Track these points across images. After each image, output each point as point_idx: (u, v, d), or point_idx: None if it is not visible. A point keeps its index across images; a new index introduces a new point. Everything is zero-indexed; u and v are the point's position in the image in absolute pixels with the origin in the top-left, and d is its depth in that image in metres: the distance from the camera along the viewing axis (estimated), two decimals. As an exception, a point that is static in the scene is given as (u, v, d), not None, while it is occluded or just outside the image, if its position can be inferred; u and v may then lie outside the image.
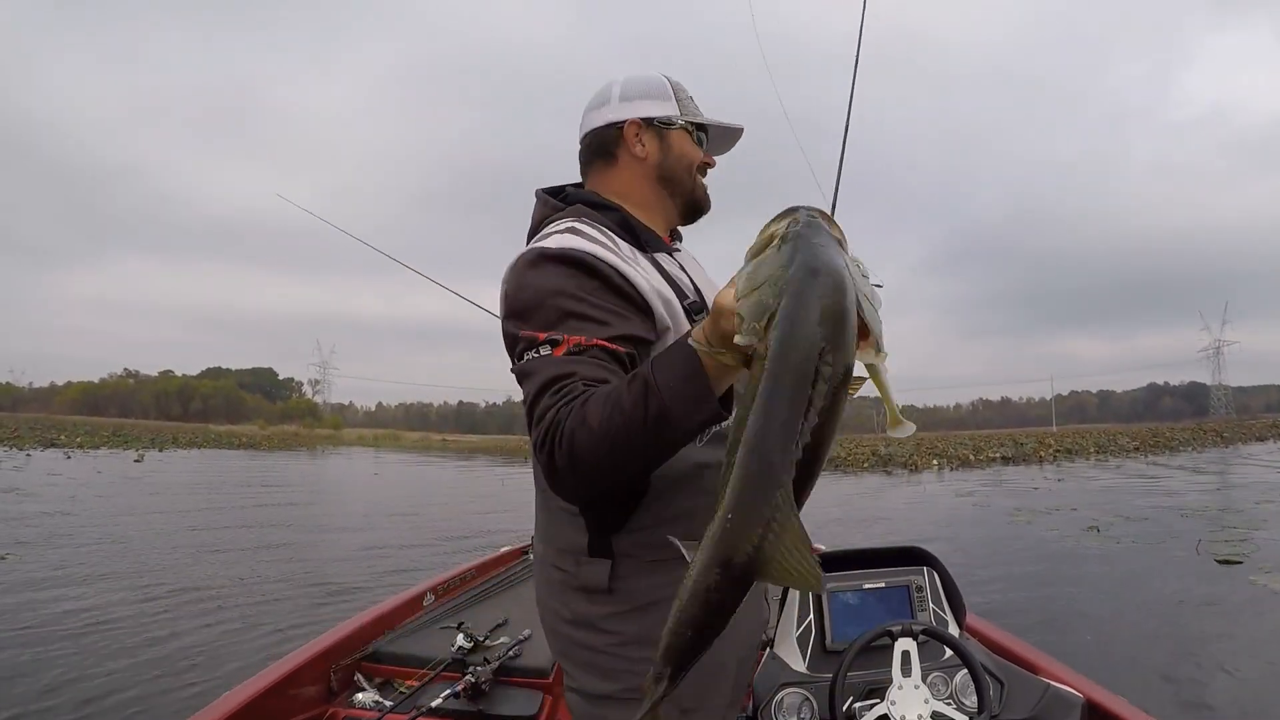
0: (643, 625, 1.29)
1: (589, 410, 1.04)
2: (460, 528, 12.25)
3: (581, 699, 1.35)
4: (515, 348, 1.22)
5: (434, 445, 71.48)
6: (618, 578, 1.30)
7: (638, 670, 1.21)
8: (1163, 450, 36.08)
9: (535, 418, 1.11)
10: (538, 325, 1.19)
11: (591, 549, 1.31)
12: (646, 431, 1.01)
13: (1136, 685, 4.50)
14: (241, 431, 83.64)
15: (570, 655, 1.36)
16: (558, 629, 1.38)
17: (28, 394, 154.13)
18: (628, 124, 1.43)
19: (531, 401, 1.13)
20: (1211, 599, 6.73)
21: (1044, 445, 38.47)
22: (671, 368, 1.01)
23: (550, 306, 1.20)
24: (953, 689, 1.91)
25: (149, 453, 34.13)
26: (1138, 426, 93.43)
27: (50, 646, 5.25)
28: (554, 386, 1.11)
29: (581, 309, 1.20)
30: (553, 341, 1.16)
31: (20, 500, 13.82)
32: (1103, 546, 9.53)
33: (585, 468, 1.06)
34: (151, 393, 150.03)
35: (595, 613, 1.32)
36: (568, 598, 1.35)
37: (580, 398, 1.08)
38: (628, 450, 1.04)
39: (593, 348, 1.16)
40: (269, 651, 5.06)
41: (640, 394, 1.01)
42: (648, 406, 1.00)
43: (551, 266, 1.24)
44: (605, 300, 1.22)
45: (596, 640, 1.32)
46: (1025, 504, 14.42)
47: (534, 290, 1.23)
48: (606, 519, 1.30)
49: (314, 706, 2.43)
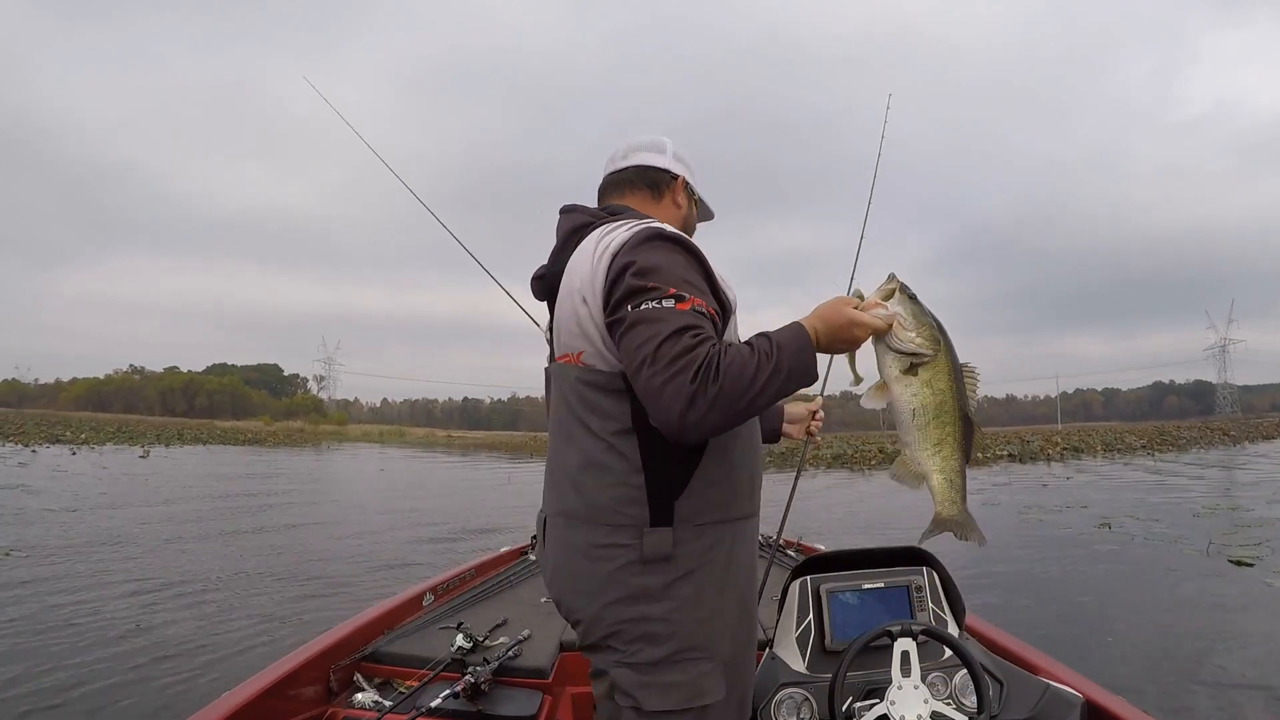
0: (695, 586, 1.45)
1: (739, 354, 1.31)
2: (464, 526, 12.26)
3: (634, 671, 1.43)
4: (633, 296, 1.39)
5: (439, 441, 71.54)
6: (678, 543, 1.44)
7: (689, 632, 1.43)
8: (1170, 449, 36.00)
9: (676, 353, 1.29)
10: (663, 281, 1.39)
11: (654, 519, 1.44)
12: (776, 376, 1.31)
13: (1149, 687, 4.49)
14: (246, 427, 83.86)
15: (625, 632, 1.44)
16: (611, 611, 1.45)
17: (34, 390, 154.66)
18: (681, 178, 1.76)
19: (664, 339, 1.31)
20: (1224, 600, 6.69)
21: (1051, 444, 38.32)
22: (796, 338, 1.37)
23: (672, 271, 1.41)
24: (952, 689, 1.92)
25: (154, 449, 34.17)
26: (1144, 425, 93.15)
27: (50, 645, 5.27)
28: (690, 331, 1.32)
29: (694, 279, 1.44)
30: (679, 297, 1.37)
31: (25, 496, 13.84)
32: (1115, 545, 9.51)
33: (728, 399, 1.28)
34: (157, 389, 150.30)
35: (657, 582, 1.43)
36: (627, 574, 1.44)
37: (723, 344, 1.33)
38: (760, 391, 1.30)
39: (707, 312, 1.39)
40: (269, 651, 5.07)
41: (775, 349, 1.33)
42: (781, 356, 1.32)
43: (668, 243, 1.46)
44: (705, 277, 1.47)
45: (655, 609, 1.43)
46: (1036, 502, 14.38)
47: (658, 257, 1.43)
48: (667, 486, 1.45)
49: (313, 707, 2.43)
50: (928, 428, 1.47)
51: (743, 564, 1.54)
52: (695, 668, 1.43)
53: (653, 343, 1.31)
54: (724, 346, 1.32)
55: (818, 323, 1.41)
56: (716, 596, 1.47)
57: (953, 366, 1.47)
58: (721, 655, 1.47)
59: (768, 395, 1.31)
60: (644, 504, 1.43)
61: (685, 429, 1.30)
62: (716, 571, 1.48)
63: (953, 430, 1.48)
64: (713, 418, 1.29)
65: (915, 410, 1.46)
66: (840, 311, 1.43)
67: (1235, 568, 7.94)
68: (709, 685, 1.43)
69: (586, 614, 1.48)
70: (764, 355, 1.31)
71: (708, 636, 1.45)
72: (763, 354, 1.31)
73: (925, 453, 1.49)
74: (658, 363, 1.29)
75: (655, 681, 1.42)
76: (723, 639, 1.48)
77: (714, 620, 1.46)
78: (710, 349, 1.29)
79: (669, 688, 1.41)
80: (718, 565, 1.48)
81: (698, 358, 1.28)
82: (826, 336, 1.42)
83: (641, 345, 1.33)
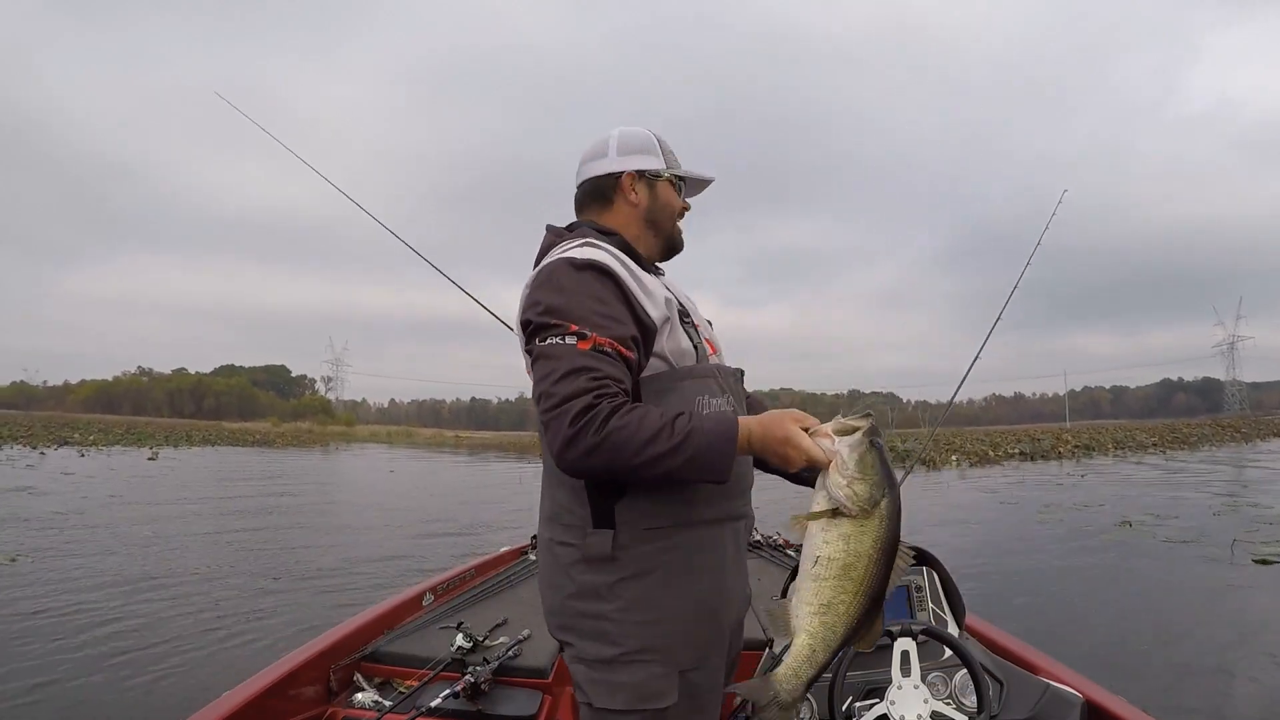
0: (643, 589, 1.46)
1: (636, 416, 1.30)
2: (472, 525, 12.30)
3: (587, 667, 1.47)
4: (539, 332, 1.41)
5: (447, 442, 71.67)
6: (620, 546, 1.45)
7: (639, 633, 1.44)
8: (1181, 446, 35.90)
9: (564, 395, 1.31)
10: (565, 317, 1.39)
11: (595, 520, 1.47)
12: (672, 456, 1.29)
13: (1174, 688, 4.40)
14: (255, 429, 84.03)
15: (576, 627, 1.49)
16: (564, 605, 1.51)
17: (41, 393, 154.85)
18: (625, 175, 1.69)
19: (558, 379, 1.33)
20: (1250, 600, 6.66)
21: (1062, 441, 38.20)
22: (719, 429, 1.32)
23: (576, 304, 1.41)
24: (952, 689, 1.91)
25: (163, 450, 34.25)
26: (1154, 423, 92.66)
27: (51, 645, 5.31)
28: (586, 374, 1.32)
29: (602, 309, 1.42)
30: (580, 335, 1.37)
31: (33, 499, 13.80)
32: (1138, 544, 9.46)
33: (608, 453, 1.29)
34: (165, 390, 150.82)
35: (601, 581, 1.46)
36: (574, 571, 1.49)
37: (621, 398, 1.34)
38: (648, 460, 1.29)
39: (611, 349, 1.38)
40: (269, 651, 5.09)
41: (686, 430, 1.30)
42: (688, 440, 1.30)
43: (577, 272, 1.45)
44: (619, 304, 1.45)
45: (602, 607, 1.46)
46: (1052, 500, 14.32)
47: (561, 289, 1.43)
48: (608, 489, 1.46)
49: (313, 706, 2.44)
50: (823, 583, 1.28)
51: (708, 569, 1.53)
52: (645, 670, 1.44)
53: (548, 380, 1.35)
54: (621, 404, 1.32)
55: (756, 427, 1.35)
56: (671, 600, 1.47)
57: (883, 537, 1.27)
58: (678, 660, 1.46)
59: (659, 468, 1.30)
60: (585, 506, 1.48)
61: (564, 465, 1.35)
62: (670, 575, 1.47)
63: (849, 601, 1.28)
64: (591, 464, 1.31)
65: (819, 559, 1.28)
66: (782, 425, 1.33)
67: (1261, 566, 7.89)
68: (660, 689, 1.44)
69: (548, 605, 1.57)
70: (669, 431, 1.30)
71: (660, 640, 1.45)
72: (669, 430, 1.30)
73: (807, 607, 1.30)
74: (548, 400, 1.33)
75: (604, 680, 1.45)
76: (679, 644, 1.47)
77: (667, 624, 1.46)
78: (598, 399, 1.31)
79: (617, 687, 1.43)
80: (673, 569, 1.48)
81: (582, 403, 1.30)
82: (760, 443, 1.35)
83: (540, 380, 1.38)
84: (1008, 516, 12.54)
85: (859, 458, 1.27)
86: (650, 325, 1.48)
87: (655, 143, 1.74)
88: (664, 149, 1.74)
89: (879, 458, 1.28)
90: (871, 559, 1.27)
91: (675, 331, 1.54)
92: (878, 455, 1.28)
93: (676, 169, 1.75)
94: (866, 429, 1.28)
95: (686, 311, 1.65)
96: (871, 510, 1.26)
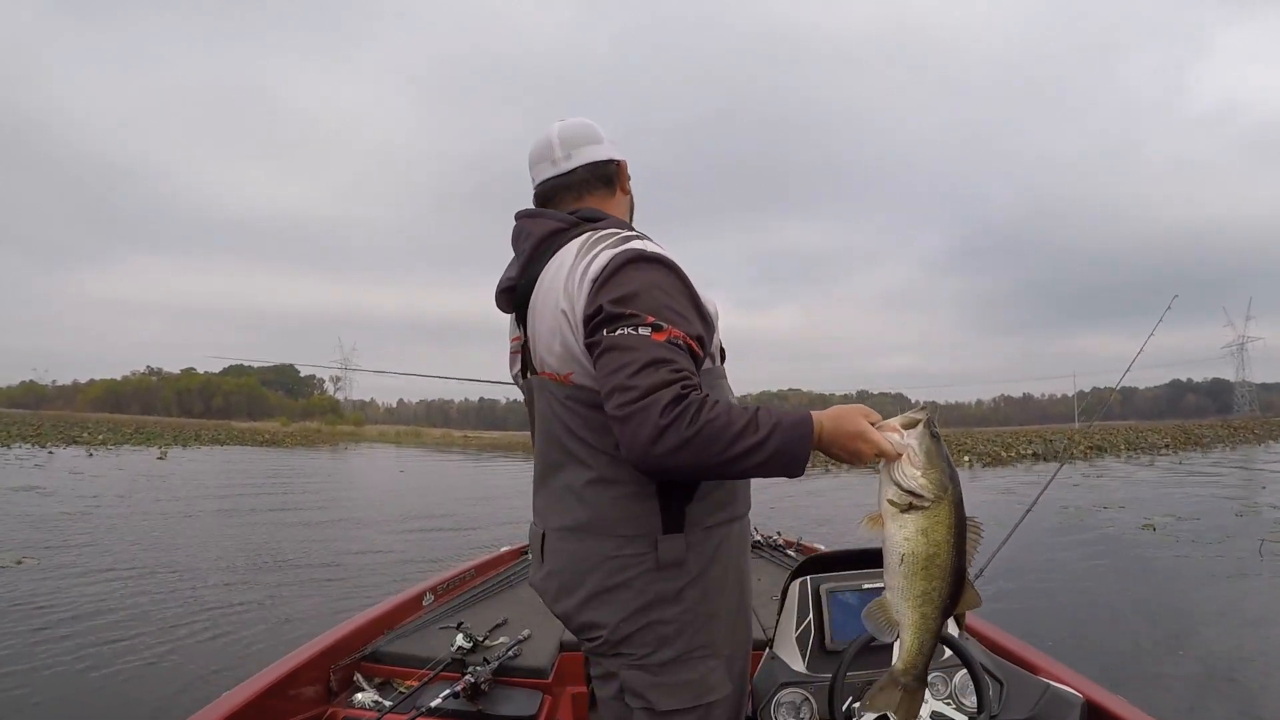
0: (705, 586, 1.47)
1: (724, 409, 1.27)
2: (486, 522, 12.30)
3: (647, 674, 1.45)
4: (610, 322, 1.35)
5: (455, 442, 71.77)
6: (690, 546, 1.45)
7: (698, 630, 1.46)
8: (1194, 447, 35.85)
9: (648, 386, 1.26)
10: (640, 308, 1.35)
11: (666, 526, 1.44)
12: (759, 450, 1.27)
13: (1211, 691, 4.37)
14: (263, 428, 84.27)
15: (641, 637, 1.45)
16: (631, 621, 1.45)
17: (51, 392, 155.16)
18: (623, 163, 1.68)
19: (637, 370, 1.28)
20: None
21: (1074, 442, 38.08)
22: (797, 423, 1.31)
23: (651, 296, 1.37)
24: (952, 689, 1.91)
25: (172, 450, 34.37)
26: (1165, 424, 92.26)
27: (51, 646, 5.33)
28: (667, 365, 1.29)
29: (675, 305, 1.39)
30: (656, 326, 1.33)
31: (40, 500, 13.74)
32: (1163, 547, 9.40)
33: (700, 446, 1.25)
34: (174, 390, 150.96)
35: (673, 587, 1.44)
36: (645, 582, 1.44)
37: (705, 393, 1.30)
38: (737, 455, 1.26)
39: (684, 344, 1.35)
40: (269, 651, 5.09)
41: (771, 424, 1.28)
42: (772, 434, 1.28)
43: (649, 265, 1.42)
44: (685, 300, 1.43)
45: (671, 612, 1.44)
46: (1071, 501, 14.20)
47: (637, 281, 1.39)
48: (681, 491, 1.45)
49: (313, 706, 2.44)
50: (914, 577, 1.36)
51: (739, 561, 1.57)
52: (703, 665, 1.46)
53: (625, 371, 1.30)
54: (707, 396, 1.30)
55: (827, 421, 1.34)
56: (720, 595, 1.50)
57: (954, 521, 1.35)
58: (723, 651, 1.50)
59: (742, 465, 1.28)
60: (656, 513, 1.45)
61: (649, 461, 1.28)
62: (719, 571, 1.50)
63: (940, 586, 1.36)
64: (681, 459, 1.26)
65: (904, 556, 1.35)
66: (854, 419, 1.34)
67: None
68: (715, 681, 1.47)
69: (607, 624, 1.47)
70: (754, 426, 1.28)
71: (712, 634, 1.48)
72: (754, 424, 1.28)
73: (906, 604, 1.37)
74: (628, 393, 1.28)
75: (666, 682, 1.44)
76: (724, 635, 1.51)
77: (718, 618, 1.49)
78: (687, 390, 1.28)
79: (678, 687, 1.44)
80: (720, 564, 1.51)
81: (672, 394, 1.26)
82: (830, 437, 1.34)
83: (614, 372, 1.32)
84: (1028, 518, 12.31)
85: (927, 448, 1.34)
86: (712, 323, 1.49)
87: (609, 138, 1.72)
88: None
89: (941, 446, 1.35)
90: (949, 544, 1.34)
91: (716, 340, 1.55)
92: (940, 444, 1.35)
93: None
94: (927, 420, 1.35)
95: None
96: (943, 496, 1.33)
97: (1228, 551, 8.85)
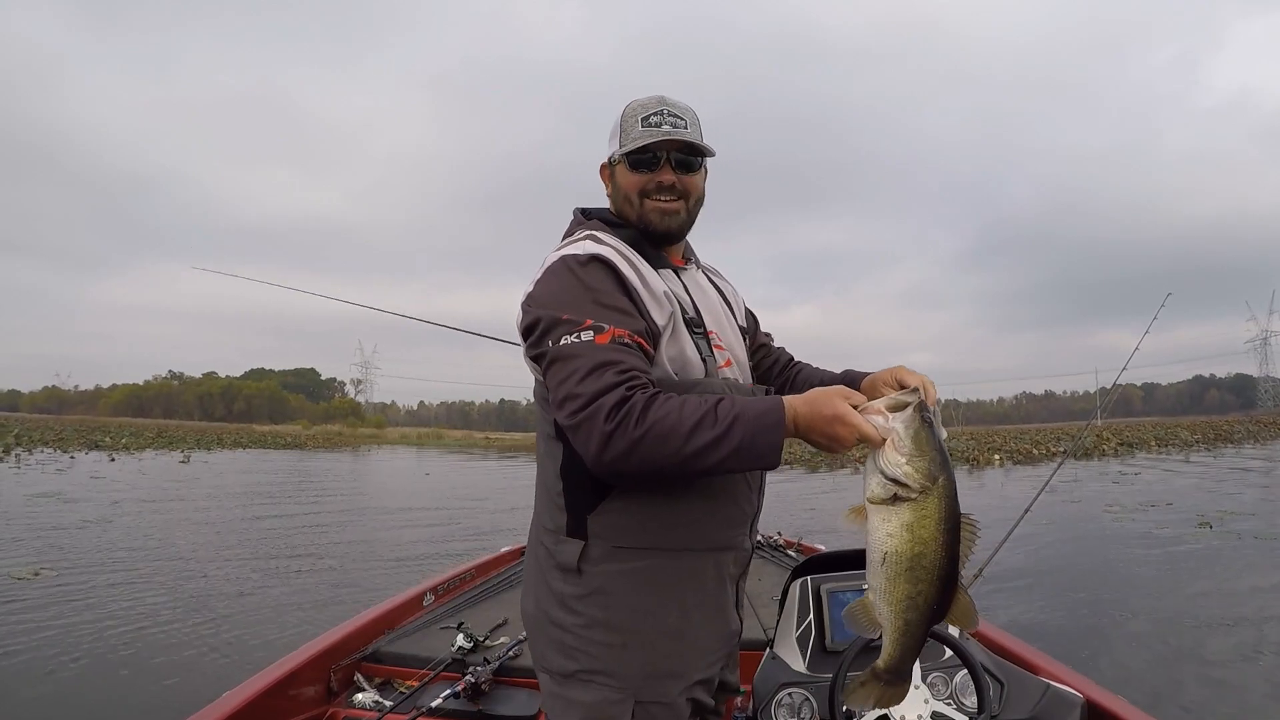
0: (605, 609, 1.40)
1: (675, 404, 1.23)
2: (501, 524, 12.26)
3: (549, 678, 1.45)
4: (550, 332, 1.33)
5: (476, 444, 71.94)
6: (586, 559, 1.41)
7: (597, 653, 1.39)
8: (1224, 443, 35.55)
9: (593, 393, 1.23)
10: (577, 314, 1.32)
11: (569, 529, 1.43)
12: (720, 444, 1.21)
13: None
14: (285, 431, 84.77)
15: (543, 632, 1.46)
16: (536, 607, 1.48)
17: (73, 397, 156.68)
18: (601, 167, 1.62)
19: (582, 378, 1.25)
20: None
21: (1104, 439, 37.82)
22: (765, 414, 1.23)
23: (585, 300, 1.34)
24: (953, 689, 1.89)
25: (194, 454, 34.56)
26: (1189, 419, 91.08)
27: (51, 645, 5.40)
28: (612, 368, 1.25)
29: (613, 302, 1.35)
30: (597, 329, 1.30)
31: (59, 507, 13.54)
32: (1226, 548, 9.18)
33: (651, 446, 1.21)
34: (195, 394, 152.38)
35: (567, 591, 1.42)
36: (548, 574, 1.46)
37: (652, 388, 1.26)
38: (695, 451, 1.21)
39: (630, 341, 1.32)
40: (270, 651, 5.12)
41: (731, 415, 1.21)
42: (734, 425, 1.21)
43: (581, 267, 1.38)
44: (624, 298, 1.38)
45: (566, 618, 1.42)
46: (1114, 499, 14.00)
47: (568, 286, 1.36)
48: (581, 499, 1.41)
49: (314, 706, 2.44)
50: (897, 579, 1.23)
51: (682, 600, 1.44)
52: (599, 692, 1.38)
53: (570, 381, 1.28)
54: (655, 394, 1.25)
55: (801, 405, 1.25)
56: (634, 627, 1.40)
57: (945, 516, 1.21)
58: (636, 690, 1.39)
59: (704, 461, 1.22)
60: (563, 511, 1.44)
61: (603, 468, 1.27)
62: (634, 600, 1.41)
63: (927, 590, 1.22)
64: (633, 463, 1.23)
65: (887, 554, 1.23)
66: (831, 402, 1.24)
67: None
68: (613, 714, 1.37)
69: (524, 607, 1.54)
70: (711, 419, 1.22)
71: (617, 665, 1.39)
72: (712, 416, 1.22)
73: (889, 607, 1.25)
74: (575, 401, 1.26)
75: (561, 695, 1.42)
76: (638, 673, 1.40)
77: (629, 650, 1.39)
78: (631, 391, 1.24)
79: (571, 705, 1.40)
80: (641, 593, 1.41)
81: (615, 398, 1.22)
82: (806, 423, 1.25)
83: (563, 382, 1.29)
84: (1075, 514, 12.21)
85: (914, 433, 1.21)
86: (654, 325, 1.40)
87: (618, 123, 1.55)
88: (625, 125, 1.54)
89: (933, 432, 1.23)
90: (939, 542, 1.21)
91: (678, 337, 1.44)
92: (931, 430, 1.22)
93: (627, 145, 1.52)
94: (917, 404, 1.23)
95: (698, 319, 1.51)
96: (931, 486, 1.20)
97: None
